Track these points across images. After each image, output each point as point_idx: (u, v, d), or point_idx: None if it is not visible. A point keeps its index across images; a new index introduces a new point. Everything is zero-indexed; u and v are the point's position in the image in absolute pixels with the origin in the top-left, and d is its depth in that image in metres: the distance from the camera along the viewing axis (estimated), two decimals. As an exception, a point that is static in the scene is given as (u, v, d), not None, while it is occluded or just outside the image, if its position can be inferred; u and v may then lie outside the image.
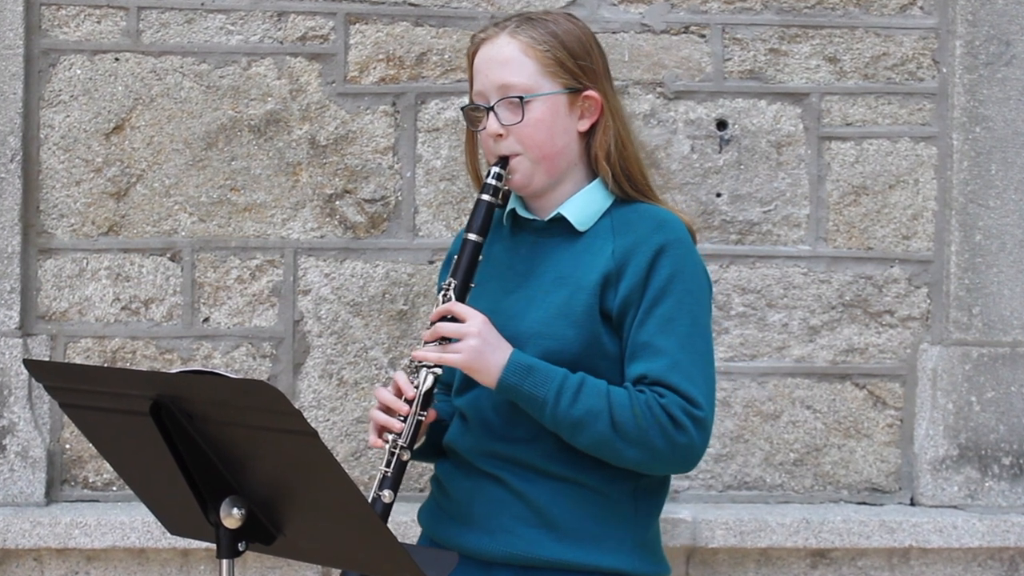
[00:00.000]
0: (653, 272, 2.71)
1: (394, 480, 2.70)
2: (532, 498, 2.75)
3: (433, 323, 2.75)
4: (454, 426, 2.89)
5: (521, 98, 2.76)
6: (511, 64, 2.78)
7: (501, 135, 2.78)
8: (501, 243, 2.87)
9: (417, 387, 2.72)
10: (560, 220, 2.83)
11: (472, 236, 2.78)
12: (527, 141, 2.78)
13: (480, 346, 2.68)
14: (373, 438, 2.76)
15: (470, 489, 2.80)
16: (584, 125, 2.83)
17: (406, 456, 2.72)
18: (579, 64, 2.80)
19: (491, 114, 2.79)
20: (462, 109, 2.91)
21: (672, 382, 2.66)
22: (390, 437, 2.72)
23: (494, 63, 2.80)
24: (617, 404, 2.65)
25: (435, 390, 2.76)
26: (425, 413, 2.74)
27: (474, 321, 2.71)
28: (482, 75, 2.82)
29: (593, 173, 2.85)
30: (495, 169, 2.80)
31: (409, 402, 2.72)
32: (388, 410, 2.75)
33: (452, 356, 2.70)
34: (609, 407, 2.65)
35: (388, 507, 2.69)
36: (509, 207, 2.89)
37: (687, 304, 2.71)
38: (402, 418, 2.72)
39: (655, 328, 2.69)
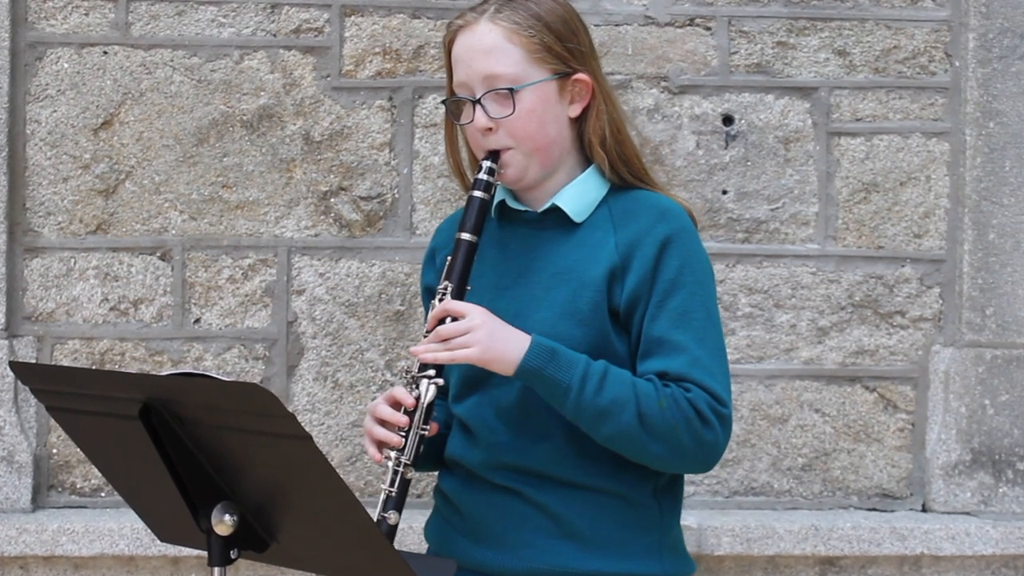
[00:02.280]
0: (661, 264, 2.62)
1: (399, 500, 2.59)
2: (552, 509, 2.66)
3: (430, 331, 2.63)
4: (456, 438, 2.79)
5: (511, 89, 2.66)
6: (496, 53, 2.66)
7: (490, 129, 2.68)
8: (489, 236, 2.75)
9: (418, 398, 2.61)
10: (555, 211, 2.73)
11: (466, 236, 2.67)
12: (519, 134, 2.67)
13: (489, 335, 2.57)
14: (373, 451, 2.65)
15: (483, 504, 2.71)
16: (575, 110, 2.72)
17: (410, 474, 2.61)
18: (567, 47, 2.69)
19: (477, 107, 2.68)
20: (443, 102, 2.81)
21: (696, 378, 2.58)
22: (392, 454, 2.61)
23: (477, 52, 2.68)
24: (643, 395, 2.56)
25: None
26: (428, 427, 2.63)
27: (475, 313, 2.60)
28: (464, 65, 2.70)
29: (587, 160, 2.75)
30: (486, 163, 2.69)
31: (409, 414, 2.61)
32: (385, 423, 2.64)
33: (463, 352, 2.57)
34: (636, 397, 2.56)
35: (394, 528, 2.58)
36: (497, 198, 2.78)
37: (699, 296, 2.63)
38: (402, 432, 2.61)
39: (669, 323, 2.61)
